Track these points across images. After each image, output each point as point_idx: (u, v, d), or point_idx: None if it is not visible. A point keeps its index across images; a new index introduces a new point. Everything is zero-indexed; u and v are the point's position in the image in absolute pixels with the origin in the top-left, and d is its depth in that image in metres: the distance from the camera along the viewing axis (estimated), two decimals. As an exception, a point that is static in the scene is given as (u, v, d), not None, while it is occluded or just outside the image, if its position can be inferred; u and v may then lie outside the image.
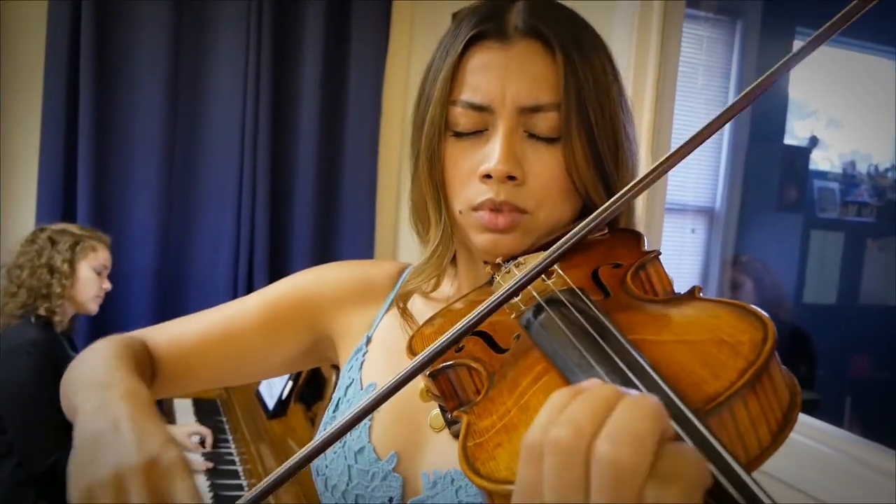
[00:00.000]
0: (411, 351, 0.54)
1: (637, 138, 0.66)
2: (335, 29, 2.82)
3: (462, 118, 0.61)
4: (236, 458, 2.02)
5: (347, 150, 2.92)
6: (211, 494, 1.80)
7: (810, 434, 1.28)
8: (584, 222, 0.47)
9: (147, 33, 2.56)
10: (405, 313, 0.68)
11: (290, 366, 0.81)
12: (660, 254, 0.54)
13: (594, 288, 0.51)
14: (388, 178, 3.07)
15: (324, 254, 2.92)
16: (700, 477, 0.29)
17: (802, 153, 3.26)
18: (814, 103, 3.24)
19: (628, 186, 0.47)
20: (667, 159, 0.46)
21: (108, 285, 2.16)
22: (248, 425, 2.08)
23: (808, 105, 3.25)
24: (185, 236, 2.75)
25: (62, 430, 1.84)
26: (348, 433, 0.58)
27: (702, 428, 0.31)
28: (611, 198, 0.52)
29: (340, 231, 2.95)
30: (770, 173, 3.16)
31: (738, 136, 2.98)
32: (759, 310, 0.40)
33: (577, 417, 0.30)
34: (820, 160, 3.24)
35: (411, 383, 0.45)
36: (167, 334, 0.75)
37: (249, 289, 2.80)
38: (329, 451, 0.66)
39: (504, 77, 0.59)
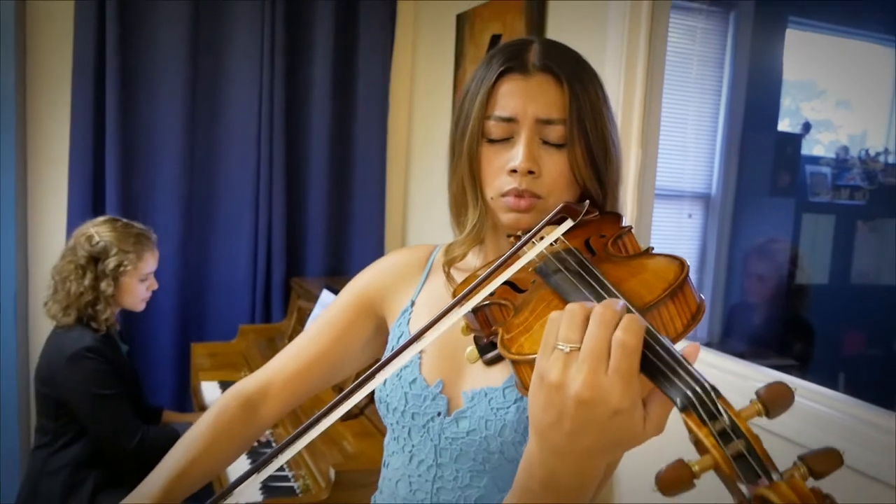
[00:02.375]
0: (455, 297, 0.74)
1: (621, 142, 0.86)
2: (343, 29, 2.94)
3: (494, 129, 0.80)
4: (267, 432, 2.18)
5: (357, 143, 3.04)
6: (249, 461, 1.96)
7: (806, 395, 1.35)
8: (563, 225, 0.70)
9: (167, 38, 2.69)
10: (449, 275, 0.88)
11: (367, 354, 1.01)
12: (632, 228, 0.76)
13: (585, 250, 0.72)
14: (396, 170, 3.20)
15: (337, 244, 3.05)
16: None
17: (795, 139, 3.35)
18: (822, 83, 3.30)
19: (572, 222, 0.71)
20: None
21: (154, 285, 2.19)
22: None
23: (815, 85, 3.35)
24: (207, 229, 2.87)
25: (134, 414, 2.04)
26: (403, 369, 0.85)
27: (650, 327, 0.53)
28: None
29: (352, 221, 3.07)
30: (764, 159, 3.23)
31: (732, 124, 3.05)
32: (681, 256, 0.63)
33: (612, 305, 0.53)
34: (827, 140, 3.32)
35: (453, 328, 0.66)
36: (270, 373, 0.97)
37: (268, 279, 2.94)
38: (388, 383, 0.88)
39: (525, 98, 0.79)
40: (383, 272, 0.99)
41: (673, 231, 2.99)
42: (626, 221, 0.79)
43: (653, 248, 0.69)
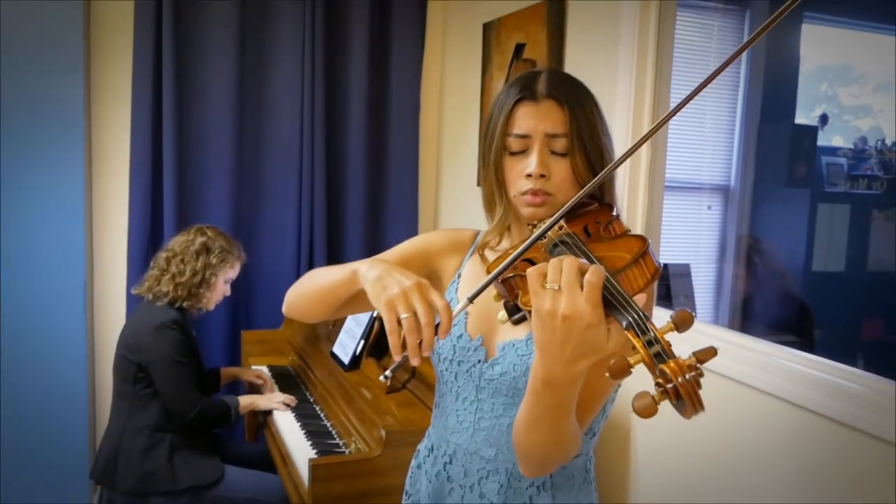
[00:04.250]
0: (488, 273, 0.95)
1: (614, 150, 1.07)
2: (378, 38, 3.14)
3: (514, 143, 1.02)
4: (316, 407, 2.42)
5: (392, 142, 3.22)
6: (304, 432, 2.20)
7: (826, 371, 1.47)
8: (572, 201, 0.89)
9: (216, 42, 2.89)
10: (483, 256, 1.11)
11: None
12: (619, 215, 0.99)
13: (583, 233, 0.94)
14: (428, 165, 3.39)
15: (374, 238, 3.24)
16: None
17: (811, 131, 3.43)
18: (860, 67, 3.33)
19: (589, 184, 0.89)
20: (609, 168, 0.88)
21: (228, 292, 2.49)
22: (328, 380, 2.44)
23: (853, 69, 3.36)
24: (254, 223, 3.07)
25: (199, 389, 2.33)
26: (453, 326, 1.05)
27: (612, 280, 0.75)
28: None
29: (388, 214, 3.26)
30: (781, 151, 3.32)
31: (750, 117, 3.15)
32: (644, 235, 0.86)
33: (572, 257, 0.76)
34: (866, 128, 3.36)
35: (490, 295, 0.87)
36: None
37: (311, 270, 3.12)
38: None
39: (536, 119, 1.01)
40: (445, 241, 1.21)
41: (693, 222, 3.10)
42: (616, 211, 1.02)
43: (630, 230, 0.95)
